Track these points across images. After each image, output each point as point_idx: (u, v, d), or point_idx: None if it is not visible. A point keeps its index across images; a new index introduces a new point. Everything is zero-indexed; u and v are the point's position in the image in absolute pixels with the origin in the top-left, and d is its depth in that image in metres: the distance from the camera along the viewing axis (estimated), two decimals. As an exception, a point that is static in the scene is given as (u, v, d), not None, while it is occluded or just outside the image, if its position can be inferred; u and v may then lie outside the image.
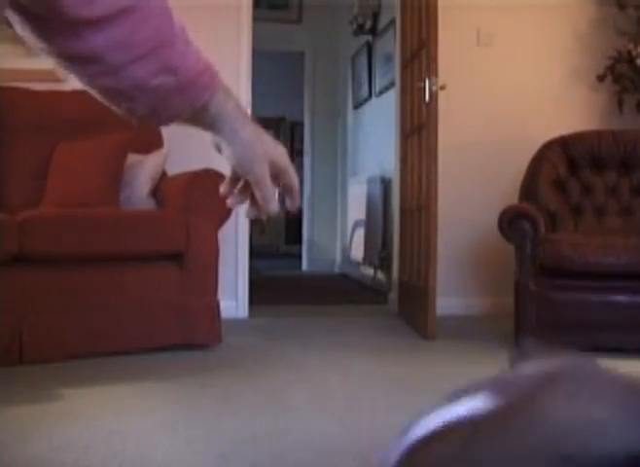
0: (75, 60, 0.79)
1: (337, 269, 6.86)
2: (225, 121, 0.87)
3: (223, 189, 0.91)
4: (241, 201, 0.91)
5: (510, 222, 3.12)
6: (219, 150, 0.90)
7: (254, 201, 0.90)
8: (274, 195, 0.89)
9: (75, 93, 3.45)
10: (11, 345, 2.53)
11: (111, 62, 0.78)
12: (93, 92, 0.83)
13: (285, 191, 0.91)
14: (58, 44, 0.76)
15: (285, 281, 6.22)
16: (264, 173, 0.87)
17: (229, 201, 0.92)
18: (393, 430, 1.37)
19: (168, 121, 0.87)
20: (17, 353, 2.54)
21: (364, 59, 6.03)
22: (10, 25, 0.77)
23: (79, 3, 0.71)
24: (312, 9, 6.83)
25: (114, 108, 0.84)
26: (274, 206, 0.89)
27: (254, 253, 4.42)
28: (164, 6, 0.82)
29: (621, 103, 4.08)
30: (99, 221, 2.75)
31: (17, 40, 0.95)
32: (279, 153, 0.89)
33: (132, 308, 2.79)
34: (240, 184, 0.91)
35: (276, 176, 0.89)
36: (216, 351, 2.88)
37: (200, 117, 0.87)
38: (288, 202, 0.92)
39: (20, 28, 0.76)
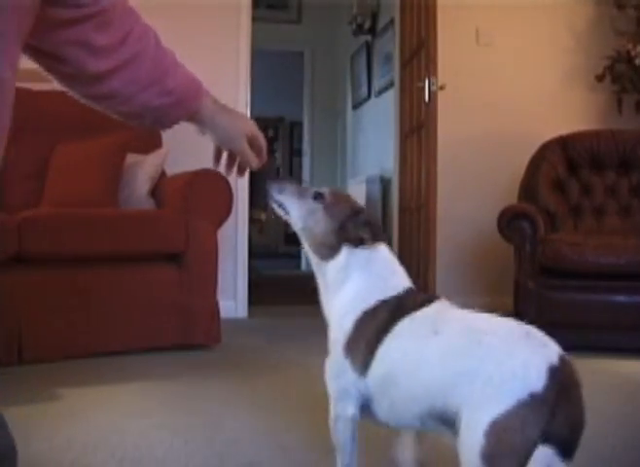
0: (97, 98, 1.11)
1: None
2: (206, 115, 1.19)
3: (213, 164, 1.29)
4: (231, 170, 1.29)
5: (509, 222, 3.12)
6: (202, 133, 1.23)
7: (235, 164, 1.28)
8: (253, 156, 1.25)
9: (74, 93, 3.45)
10: (10, 345, 2.53)
11: (124, 95, 1.09)
12: (111, 114, 1.15)
13: (256, 151, 1.26)
14: (84, 90, 1.09)
15: (284, 281, 6.22)
16: (243, 145, 1.23)
17: (222, 171, 1.30)
18: (392, 430, 1.35)
19: (170, 126, 1.20)
20: (16, 353, 2.54)
21: (363, 59, 6.03)
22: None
23: (94, 62, 1.03)
24: (311, 9, 6.84)
25: (128, 121, 1.17)
26: (254, 164, 1.26)
27: (253, 253, 4.42)
28: (158, 43, 1.11)
29: (619, 103, 4.09)
30: (98, 221, 2.75)
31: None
32: (250, 125, 1.24)
33: (131, 308, 2.79)
34: (224, 155, 1.27)
35: (251, 141, 1.24)
36: (215, 351, 2.88)
37: (191, 117, 1.19)
38: (255, 162, 1.27)
39: (53, 79, 1.09)
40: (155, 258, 2.85)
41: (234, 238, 3.85)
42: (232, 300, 3.82)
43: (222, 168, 1.29)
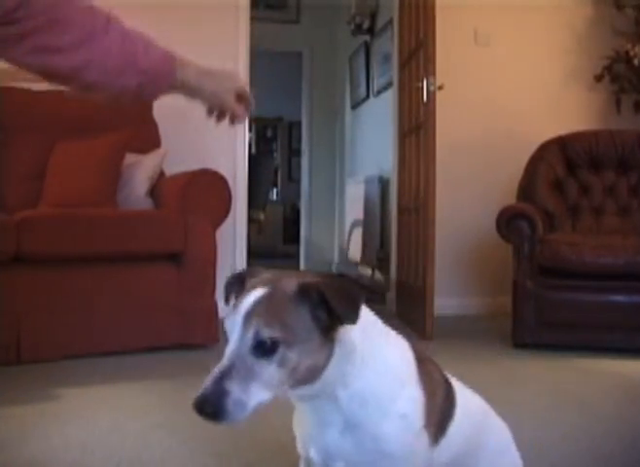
0: (80, 90, 1.20)
1: (334, 269, 6.86)
2: (190, 84, 1.26)
3: (207, 118, 1.36)
4: (220, 121, 1.36)
5: (508, 222, 3.13)
6: (192, 99, 1.31)
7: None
8: (242, 109, 1.34)
9: (73, 93, 3.45)
10: (9, 345, 2.53)
11: (101, 84, 1.18)
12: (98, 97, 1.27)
13: (244, 105, 1.35)
14: (67, 85, 1.20)
15: (283, 281, 6.19)
16: (230, 103, 1.32)
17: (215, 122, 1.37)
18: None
19: (152, 99, 1.32)
20: (15, 353, 2.54)
21: (362, 59, 6.03)
22: None
23: (62, 60, 1.12)
24: (310, 9, 6.83)
25: (111, 102, 1.27)
26: (242, 116, 1.34)
27: (252, 253, 4.42)
28: (125, 33, 1.18)
29: (618, 103, 4.09)
30: (97, 221, 2.75)
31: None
32: (237, 83, 1.33)
33: (130, 308, 2.79)
34: (215, 113, 1.35)
35: (239, 97, 1.32)
36: (214, 351, 2.88)
37: (172, 88, 1.25)
38: (242, 110, 1.35)
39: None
40: (153, 258, 2.85)
41: (233, 238, 3.85)
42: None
43: (213, 121, 1.38)
